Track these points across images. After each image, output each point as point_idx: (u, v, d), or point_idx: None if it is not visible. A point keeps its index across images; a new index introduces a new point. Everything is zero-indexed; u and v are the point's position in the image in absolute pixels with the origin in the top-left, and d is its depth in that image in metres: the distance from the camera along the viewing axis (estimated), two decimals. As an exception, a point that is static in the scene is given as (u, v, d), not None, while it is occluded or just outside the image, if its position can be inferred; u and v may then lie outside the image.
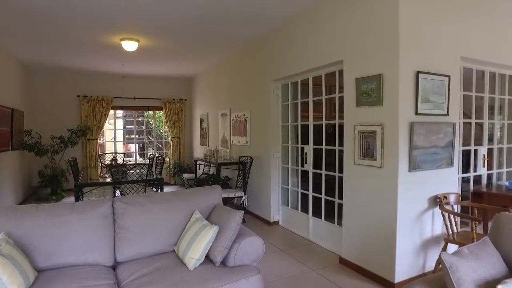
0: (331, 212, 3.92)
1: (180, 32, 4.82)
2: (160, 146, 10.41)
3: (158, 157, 5.52)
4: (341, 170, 3.63)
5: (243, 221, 5.11)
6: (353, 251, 3.34)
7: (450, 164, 3.16)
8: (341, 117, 3.56)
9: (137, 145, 13.10)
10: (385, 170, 2.93)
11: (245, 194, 5.13)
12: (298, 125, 4.51)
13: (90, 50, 5.72)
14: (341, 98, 3.53)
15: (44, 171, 6.82)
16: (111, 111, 8.23)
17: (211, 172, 6.64)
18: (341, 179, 3.58)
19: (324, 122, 3.98)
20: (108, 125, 10.48)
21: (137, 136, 12.17)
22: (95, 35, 4.88)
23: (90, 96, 7.68)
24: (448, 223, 2.92)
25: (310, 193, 4.26)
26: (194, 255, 2.27)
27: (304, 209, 4.42)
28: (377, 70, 2.96)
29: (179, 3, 3.75)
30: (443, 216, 2.94)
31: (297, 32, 4.15)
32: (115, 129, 8.51)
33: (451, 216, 2.93)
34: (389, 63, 2.85)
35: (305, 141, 4.35)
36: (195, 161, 6.87)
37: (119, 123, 9.57)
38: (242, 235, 2.45)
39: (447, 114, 3.08)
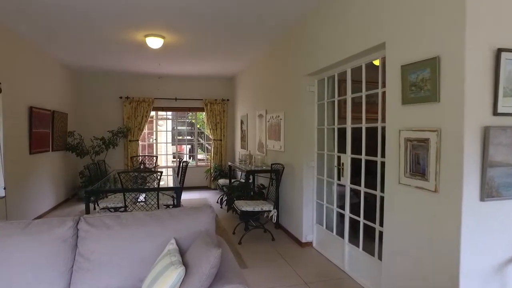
0: (371, 241, 3.04)
1: (205, 27, 4.35)
2: (209, 148, 10.18)
3: (184, 161, 5.12)
4: (384, 188, 2.75)
5: (272, 239, 4.42)
6: (396, 302, 2.45)
7: (552, 189, 2.10)
8: (385, 119, 2.69)
9: (186, 146, 13.15)
10: (442, 196, 2.02)
11: (274, 208, 4.43)
12: (334, 128, 3.69)
13: (121, 50, 5.55)
14: (385, 95, 2.67)
15: (85, 172, 6.92)
16: (153, 112, 8.17)
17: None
18: (383, 200, 2.71)
19: (364, 125, 3.12)
20: (158, 127, 10.56)
21: (187, 137, 12.18)
22: (120, 33, 4.64)
23: (132, 97, 7.67)
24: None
25: (347, 213, 3.41)
26: (151, 305, 1.68)
27: (340, 232, 3.59)
28: (431, 52, 2.07)
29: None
30: (540, 270, 1.93)
31: (331, 15, 3.35)
32: (156, 131, 8.44)
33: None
34: (450, 39, 1.94)
35: (342, 148, 3.52)
36: (230, 166, 6.37)
37: (168, 124, 9.51)
38: (222, 280, 1.79)
39: (549, 115, 2.04)
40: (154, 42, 4.77)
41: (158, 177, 3.81)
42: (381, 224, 2.83)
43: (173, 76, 7.90)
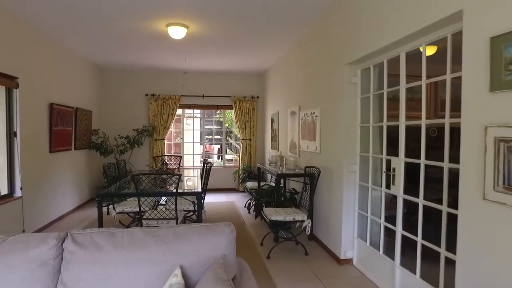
0: (433, 267, 2.40)
1: (231, 13, 3.88)
2: (238, 147, 9.77)
3: (207, 163, 4.68)
4: (454, 203, 2.12)
5: (305, 253, 3.87)
6: None
7: None
8: (455, 115, 2.06)
9: (216, 146, 12.81)
10: (562, 223, 1.38)
11: (308, 218, 3.86)
12: (383, 126, 3.07)
13: (143, 42, 5.23)
14: (456, 82, 2.04)
15: (107, 172, 6.72)
16: (180, 111, 7.87)
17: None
18: (452, 217, 2.08)
19: (423, 121, 2.49)
20: (186, 125, 10.34)
21: (216, 136, 11.84)
22: (140, 23, 4.29)
23: (158, 95, 7.40)
24: None
25: (399, 230, 2.79)
26: None
27: (390, 251, 2.96)
28: (545, 12, 1.43)
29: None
30: None
31: (383, -14, 2.74)
32: (182, 129, 8.13)
33: None
34: None
35: (392, 150, 2.89)
36: (258, 168, 5.87)
37: (196, 123, 9.15)
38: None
39: None
40: (177, 32, 4.37)
41: (177, 180, 3.38)
42: (449, 249, 2.20)
43: (199, 72, 7.54)
